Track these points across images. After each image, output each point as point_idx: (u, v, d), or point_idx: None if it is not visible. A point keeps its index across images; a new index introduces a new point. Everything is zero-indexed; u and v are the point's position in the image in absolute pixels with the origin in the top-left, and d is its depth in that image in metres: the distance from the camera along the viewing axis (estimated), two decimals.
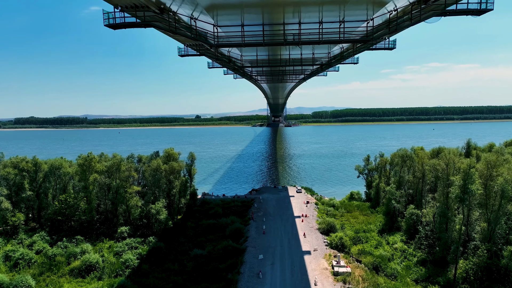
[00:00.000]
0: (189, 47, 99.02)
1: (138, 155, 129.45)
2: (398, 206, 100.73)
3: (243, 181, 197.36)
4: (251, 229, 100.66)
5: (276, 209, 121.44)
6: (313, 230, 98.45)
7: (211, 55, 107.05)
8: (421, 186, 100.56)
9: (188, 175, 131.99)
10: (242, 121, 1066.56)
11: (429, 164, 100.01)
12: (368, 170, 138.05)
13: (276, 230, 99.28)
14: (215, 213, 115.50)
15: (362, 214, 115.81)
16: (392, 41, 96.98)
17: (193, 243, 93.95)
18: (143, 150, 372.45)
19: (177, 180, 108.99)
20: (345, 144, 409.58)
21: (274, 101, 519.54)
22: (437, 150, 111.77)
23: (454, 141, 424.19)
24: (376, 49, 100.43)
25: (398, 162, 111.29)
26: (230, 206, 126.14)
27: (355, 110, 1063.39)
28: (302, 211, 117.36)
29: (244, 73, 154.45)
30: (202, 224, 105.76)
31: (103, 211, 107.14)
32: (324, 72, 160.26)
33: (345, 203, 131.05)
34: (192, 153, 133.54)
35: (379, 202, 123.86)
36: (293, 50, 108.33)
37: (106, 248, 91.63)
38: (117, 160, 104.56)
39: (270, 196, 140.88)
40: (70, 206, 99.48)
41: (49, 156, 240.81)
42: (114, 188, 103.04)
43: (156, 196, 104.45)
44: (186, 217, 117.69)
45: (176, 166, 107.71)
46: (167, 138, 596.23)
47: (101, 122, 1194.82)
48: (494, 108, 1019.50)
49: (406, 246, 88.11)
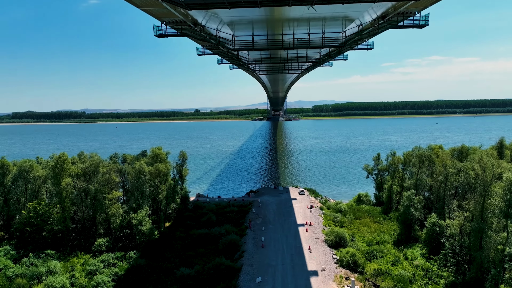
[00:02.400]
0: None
1: (123, 154, 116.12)
2: (417, 214, 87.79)
3: (241, 180, 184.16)
4: (248, 241, 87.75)
5: (276, 215, 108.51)
6: (319, 243, 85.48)
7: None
8: (443, 191, 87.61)
9: (178, 176, 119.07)
10: (242, 115, 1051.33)
11: (452, 165, 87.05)
12: (378, 170, 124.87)
13: (276, 242, 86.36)
14: (208, 221, 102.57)
15: (374, 221, 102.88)
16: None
17: (181, 258, 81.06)
18: (138, 146, 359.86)
19: (164, 184, 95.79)
20: (346, 139, 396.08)
21: (274, 95, 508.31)
22: (458, 149, 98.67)
23: (459, 135, 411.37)
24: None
25: (416, 163, 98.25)
26: (225, 212, 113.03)
27: (356, 104, 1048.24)
28: (306, 218, 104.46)
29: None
30: (193, 234, 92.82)
31: (80, 220, 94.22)
32: (330, 62, 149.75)
33: (353, 207, 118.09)
34: (183, 152, 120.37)
35: (392, 206, 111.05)
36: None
37: (80, 264, 78.91)
38: (95, 162, 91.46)
39: (270, 199, 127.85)
40: (40, 215, 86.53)
41: (39, 153, 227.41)
42: (92, 193, 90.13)
43: (139, 203, 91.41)
44: (176, 224, 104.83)
45: (163, 169, 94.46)
46: (165, 132, 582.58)
47: (100, 116, 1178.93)
48: (497, 101, 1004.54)
49: (429, 263, 75.35)
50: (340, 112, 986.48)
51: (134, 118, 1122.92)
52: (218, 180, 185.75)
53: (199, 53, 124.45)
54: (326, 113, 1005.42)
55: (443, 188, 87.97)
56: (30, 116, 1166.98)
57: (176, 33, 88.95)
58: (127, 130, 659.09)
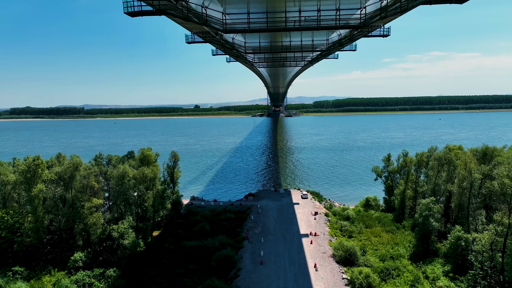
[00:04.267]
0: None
1: (108, 155, 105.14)
2: (437, 225, 77.27)
3: (239, 181, 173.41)
4: (245, 256, 77.28)
5: (277, 223, 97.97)
6: (326, 259, 74.98)
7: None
8: (467, 199, 77.08)
9: (170, 179, 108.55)
10: (242, 111, 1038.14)
11: (479, 170, 76.36)
12: (388, 172, 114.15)
13: (277, 257, 75.86)
14: (201, 230, 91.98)
15: (385, 231, 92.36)
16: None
17: (168, 277, 70.76)
18: (133, 143, 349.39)
19: (151, 190, 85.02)
20: (348, 135, 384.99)
21: (275, 90, 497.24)
22: (482, 150, 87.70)
23: (464, 132, 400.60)
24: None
25: (434, 166, 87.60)
26: (220, 219, 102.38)
27: (357, 100, 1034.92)
28: (310, 226, 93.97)
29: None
30: (183, 247, 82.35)
31: (56, 230, 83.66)
32: (335, 54, 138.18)
33: (361, 213, 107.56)
34: (174, 153, 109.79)
35: (404, 213, 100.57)
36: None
37: (52, 284, 68.71)
38: (72, 165, 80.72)
39: (270, 203, 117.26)
40: (9, 226, 76.06)
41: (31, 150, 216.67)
42: (70, 201, 79.54)
43: (122, 212, 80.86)
44: (165, 233, 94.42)
45: (149, 173, 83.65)
46: (162, 128, 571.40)
47: (98, 112, 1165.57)
48: (500, 97, 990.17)
49: (454, 285, 65.04)
50: (341, 108, 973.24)
51: (133, 114, 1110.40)
52: (214, 180, 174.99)
53: (188, 40, 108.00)
54: (327, 109, 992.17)
55: (467, 195, 77.50)
56: (28, 112, 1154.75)
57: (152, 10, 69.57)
58: (125, 126, 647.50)
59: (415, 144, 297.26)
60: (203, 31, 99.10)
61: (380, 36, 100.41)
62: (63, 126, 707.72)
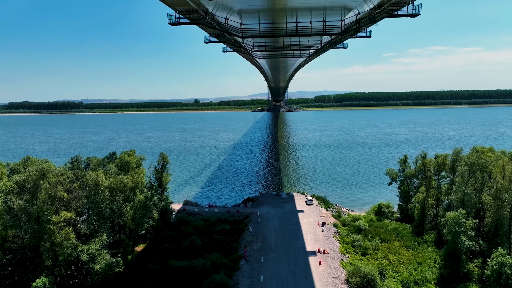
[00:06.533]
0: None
1: (87, 158, 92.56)
2: (471, 245, 64.73)
3: (237, 181, 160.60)
4: (242, 281, 64.78)
5: (279, 236, 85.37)
6: (339, 286, 62.44)
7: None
8: (509, 214, 64.49)
9: (157, 184, 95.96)
10: (242, 106, 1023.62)
11: None
12: (404, 176, 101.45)
13: (280, 284, 63.32)
14: (191, 246, 79.28)
15: (405, 246, 79.86)
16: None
17: None
18: (128, 139, 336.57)
19: (132, 201, 72.26)
20: (350, 131, 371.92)
21: (275, 85, 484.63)
22: None
23: (469, 128, 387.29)
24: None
25: (464, 173, 74.78)
26: (214, 231, 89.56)
27: (358, 94, 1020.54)
28: (318, 241, 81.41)
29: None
30: (169, 267, 69.87)
31: (19, 249, 71.10)
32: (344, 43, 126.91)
33: (374, 223, 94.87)
34: (163, 155, 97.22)
35: (425, 225, 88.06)
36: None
37: None
38: (37, 172, 68.03)
39: (271, 210, 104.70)
40: None
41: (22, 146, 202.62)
42: (34, 214, 66.95)
43: (95, 228, 68.24)
44: (150, 249, 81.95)
45: (128, 182, 70.85)
46: (160, 124, 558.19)
47: (97, 107, 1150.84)
48: (504, 92, 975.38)
49: None
50: (343, 103, 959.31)
51: (132, 108, 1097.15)
52: (210, 181, 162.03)
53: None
54: (328, 103, 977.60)
55: (508, 209, 64.88)
56: (26, 106, 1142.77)
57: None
58: (123, 121, 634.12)
59: (421, 141, 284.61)
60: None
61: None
62: (60, 121, 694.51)
